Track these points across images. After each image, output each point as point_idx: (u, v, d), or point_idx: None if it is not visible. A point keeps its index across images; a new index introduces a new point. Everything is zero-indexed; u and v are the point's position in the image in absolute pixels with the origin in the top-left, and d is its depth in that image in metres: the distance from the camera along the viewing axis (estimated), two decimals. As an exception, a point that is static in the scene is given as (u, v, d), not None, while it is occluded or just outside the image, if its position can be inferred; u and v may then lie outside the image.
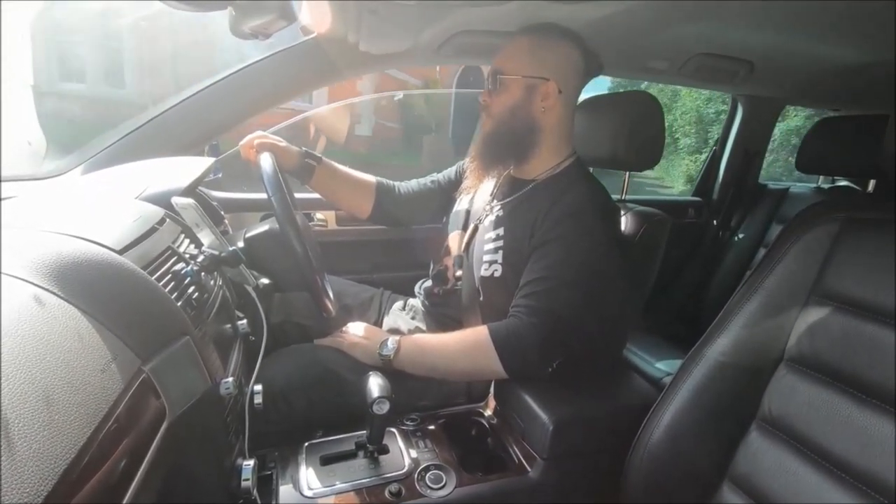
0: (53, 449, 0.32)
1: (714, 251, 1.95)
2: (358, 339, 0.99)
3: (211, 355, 0.63)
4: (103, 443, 0.37)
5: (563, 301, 0.87)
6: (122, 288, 0.50)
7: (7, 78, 1.33)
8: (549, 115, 0.97)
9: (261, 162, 0.88)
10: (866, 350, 0.59)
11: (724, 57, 1.31)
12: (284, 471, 0.78)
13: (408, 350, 0.92)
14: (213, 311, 0.70)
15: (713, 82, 1.57)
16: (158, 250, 0.62)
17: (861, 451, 0.57)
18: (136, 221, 0.65)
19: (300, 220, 0.95)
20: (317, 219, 1.45)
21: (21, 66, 1.40)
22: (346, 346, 0.98)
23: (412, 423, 0.89)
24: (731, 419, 0.71)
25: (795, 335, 0.68)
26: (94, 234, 0.53)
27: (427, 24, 1.05)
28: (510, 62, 0.97)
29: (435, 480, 0.77)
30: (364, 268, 1.52)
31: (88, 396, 0.37)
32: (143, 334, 0.49)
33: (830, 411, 0.61)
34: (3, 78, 1.32)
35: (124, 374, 0.43)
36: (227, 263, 0.72)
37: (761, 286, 0.72)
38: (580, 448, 0.84)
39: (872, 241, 0.62)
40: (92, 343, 0.42)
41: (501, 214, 1.01)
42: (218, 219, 1.10)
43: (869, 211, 0.66)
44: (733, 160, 1.97)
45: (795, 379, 0.66)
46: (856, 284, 0.62)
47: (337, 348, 0.99)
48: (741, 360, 0.71)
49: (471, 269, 1.02)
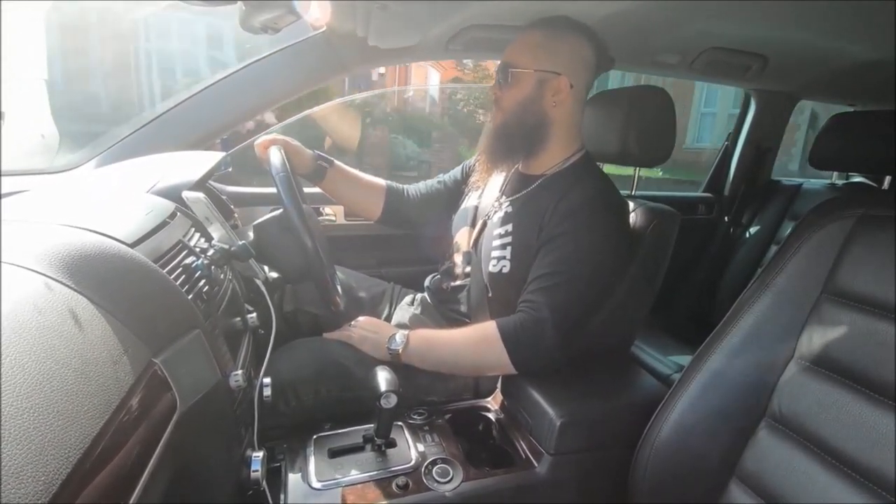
0: (68, 438, 0.33)
1: (725, 247, 1.93)
2: (367, 333, 0.99)
3: (221, 348, 0.64)
4: (116, 433, 0.38)
5: (571, 296, 0.86)
6: (134, 281, 0.50)
7: (21, 71, 1.34)
8: (559, 109, 0.96)
9: (269, 156, 0.89)
10: (879, 349, 0.58)
11: (736, 51, 1.29)
12: (293, 463, 0.79)
13: (416, 344, 0.93)
14: (223, 304, 0.71)
15: (725, 77, 1.55)
16: (170, 244, 0.63)
17: (871, 450, 0.57)
18: (147, 215, 0.65)
19: (309, 214, 0.95)
20: (325, 214, 1.45)
21: (35, 60, 1.41)
22: (355, 340, 0.98)
23: (420, 417, 0.90)
24: (740, 417, 0.71)
25: (807, 333, 0.67)
26: (107, 228, 0.54)
27: (436, 18, 1.04)
28: (521, 56, 0.96)
29: (442, 474, 0.77)
30: (371, 263, 1.53)
31: (101, 387, 0.38)
32: (155, 327, 0.49)
33: (841, 410, 0.61)
34: (18, 71, 1.33)
35: (136, 366, 0.44)
36: (237, 257, 0.72)
37: (772, 283, 0.71)
38: (587, 444, 0.84)
39: (888, 239, 0.62)
40: (104, 335, 0.42)
41: (510, 211, 1.01)
42: (228, 213, 1.10)
43: (884, 208, 0.64)
44: (745, 156, 1.95)
45: (806, 377, 0.66)
46: (869, 282, 0.61)
47: (346, 342, 1.00)
48: (751, 358, 0.71)
49: (479, 265, 1.02)
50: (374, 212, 1.22)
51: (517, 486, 0.81)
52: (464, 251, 1.09)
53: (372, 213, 1.23)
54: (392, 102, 6.25)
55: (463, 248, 1.10)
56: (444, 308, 1.12)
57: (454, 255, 1.13)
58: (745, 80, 1.53)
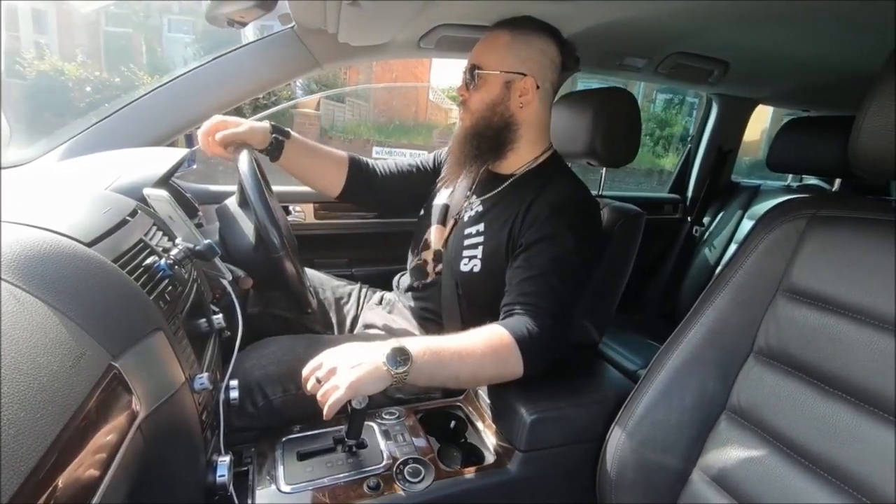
0: (20, 448, 0.31)
1: (688, 246, 2.00)
2: (358, 373, 0.69)
3: (185, 350, 0.62)
4: (72, 440, 0.36)
5: (566, 297, 0.87)
6: (92, 282, 0.48)
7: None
8: (526, 110, 0.97)
9: (239, 164, 0.86)
10: (829, 343, 0.62)
11: (700, 56, 1.33)
12: (261, 466, 0.77)
13: (425, 362, 0.73)
14: (186, 305, 0.69)
15: (689, 81, 1.60)
16: (130, 243, 0.61)
17: (824, 439, 0.60)
18: (106, 213, 0.63)
19: (282, 221, 0.94)
20: (294, 212, 1.43)
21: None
22: (348, 392, 0.68)
23: (390, 417, 0.89)
24: (702, 409, 0.73)
25: (763, 328, 0.70)
26: (62, 226, 0.51)
27: (406, 16, 1.04)
28: (488, 57, 0.97)
29: (413, 474, 0.77)
30: (341, 262, 1.51)
31: (56, 393, 0.36)
32: (114, 329, 0.48)
33: (795, 402, 0.64)
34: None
35: (94, 370, 0.42)
36: (202, 256, 0.70)
37: (732, 281, 0.74)
38: (557, 440, 0.85)
39: (837, 238, 0.65)
40: (59, 338, 0.40)
41: (481, 210, 1.01)
42: (192, 211, 1.07)
43: (835, 209, 0.68)
44: (707, 158, 2.02)
45: (763, 370, 0.69)
46: (821, 280, 0.64)
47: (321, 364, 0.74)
48: (713, 353, 0.73)
49: (450, 264, 1.02)
50: (335, 185, 1.15)
51: (489, 484, 0.81)
52: (434, 249, 1.09)
53: (333, 188, 1.15)
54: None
55: (434, 247, 1.10)
56: (414, 307, 1.12)
57: (423, 253, 1.12)
58: (707, 84, 1.59)
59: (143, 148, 1.05)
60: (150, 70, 6.13)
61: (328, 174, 1.14)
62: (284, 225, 0.98)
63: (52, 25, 6.19)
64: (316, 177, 1.15)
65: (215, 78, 1.17)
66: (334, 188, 1.15)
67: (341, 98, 6.90)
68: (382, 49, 1.23)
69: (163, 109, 1.15)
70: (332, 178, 1.15)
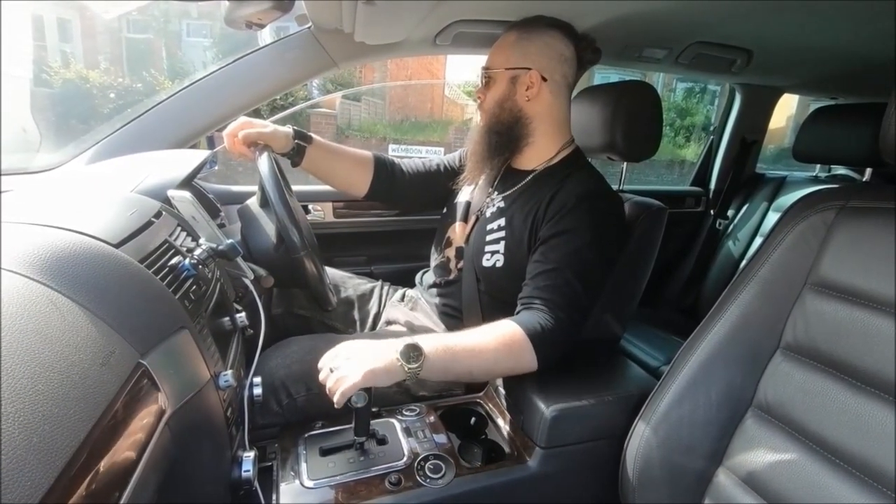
0: (54, 443, 0.32)
1: (711, 240, 1.95)
2: (372, 364, 0.73)
3: (210, 348, 0.64)
4: (104, 436, 0.37)
5: (582, 292, 0.86)
6: (120, 282, 0.50)
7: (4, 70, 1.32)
8: (535, 103, 0.98)
9: (259, 165, 0.88)
10: (861, 338, 0.60)
11: (722, 45, 1.30)
12: (285, 462, 0.79)
13: (438, 356, 0.76)
14: (210, 304, 0.70)
15: (711, 71, 1.56)
16: (155, 244, 0.62)
17: (856, 437, 0.58)
18: (132, 215, 0.64)
19: (302, 220, 0.95)
20: (313, 211, 1.45)
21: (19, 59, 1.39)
22: (362, 379, 0.71)
23: (411, 413, 0.90)
24: (728, 407, 0.72)
25: (791, 323, 0.68)
26: (90, 228, 0.53)
27: (421, 14, 1.04)
28: (496, 57, 1.00)
29: (434, 470, 0.77)
30: (360, 260, 1.52)
31: (88, 391, 0.38)
32: (142, 328, 0.49)
33: (825, 398, 0.62)
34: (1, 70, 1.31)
35: (123, 368, 0.43)
36: (225, 256, 0.72)
37: (758, 275, 0.72)
38: (578, 437, 0.85)
39: (868, 230, 0.63)
40: (90, 337, 0.42)
41: (503, 206, 1.01)
42: (214, 211, 1.09)
43: (865, 199, 0.66)
44: (730, 149, 1.97)
45: (791, 366, 0.67)
46: (851, 273, 0.62)
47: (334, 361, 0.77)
48: (738, 349, 0.72)
49: (471, 261, 1.03)
50: (361, 186, 1.15)
51: (509, 481, 0.81)
52: (457, 246, 1.09)
53: (359, 188, 1.16)
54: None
55: (456, 244, 1.10)
56: (437, 303, 1.12)
57: (446, 251, 1.13)
58: (730, 74, 1.54)
59: (167, 150, 1.07)
60: (170, 74, 6.29)
61: (353, 176, 1.16)
62: (304, 224, 0.99)
63: (77, 33, 6.36)
64: (340, 179, 1.16)
65: (235, 80, 1.19)
66: (360, 189, 1.16)
67: (357, 97, 6.94)
68: (398, 47, 1.23)
69: (184, 112, 1.17)
70: (356, 180, 1.16)
